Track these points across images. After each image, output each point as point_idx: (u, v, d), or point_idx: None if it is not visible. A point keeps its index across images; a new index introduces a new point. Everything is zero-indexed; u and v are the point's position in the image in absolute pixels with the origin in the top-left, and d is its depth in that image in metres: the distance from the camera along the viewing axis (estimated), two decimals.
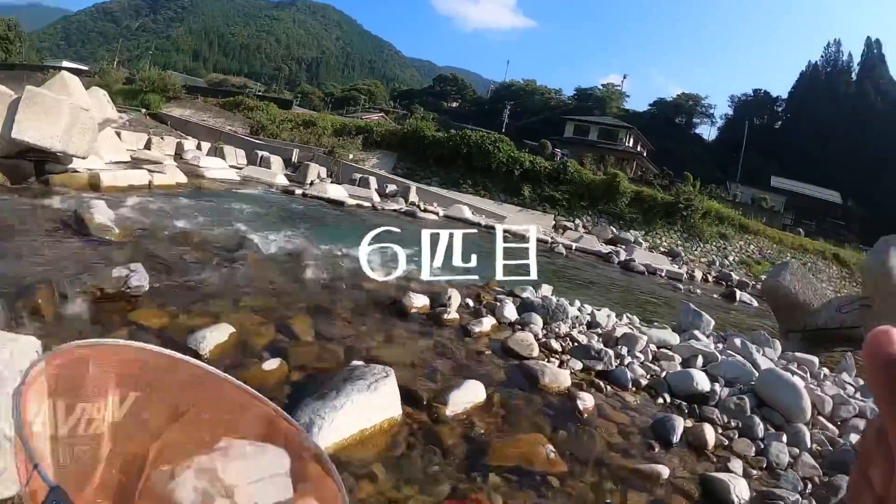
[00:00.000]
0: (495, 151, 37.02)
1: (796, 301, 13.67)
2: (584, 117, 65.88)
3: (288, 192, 20.49)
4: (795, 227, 48.43)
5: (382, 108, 68.17)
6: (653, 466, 4.90)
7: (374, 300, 7.95)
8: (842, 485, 5.16)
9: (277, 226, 12.61)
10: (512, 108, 72.11)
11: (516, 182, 37.06)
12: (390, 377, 4.94)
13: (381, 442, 4.47)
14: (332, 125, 39.36)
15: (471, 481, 4.21)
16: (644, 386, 6.86)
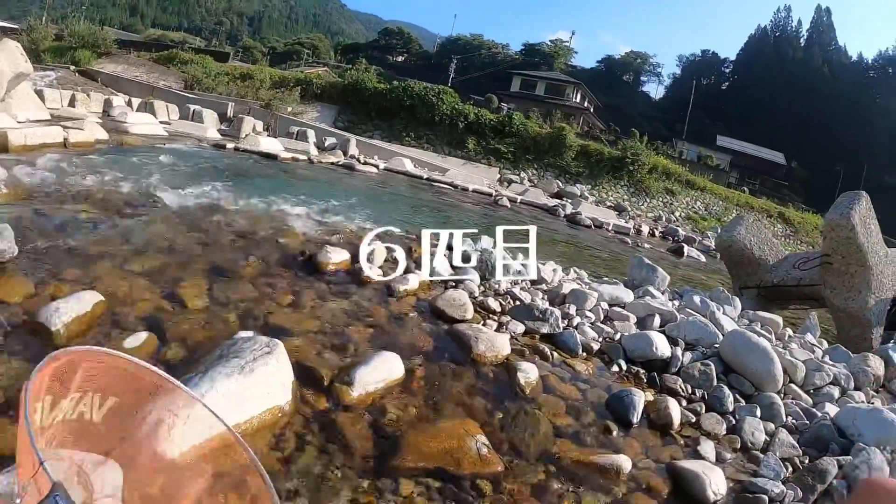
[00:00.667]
0: (439, 103, 35.93)
1: (751, 256, 13.02)
2: (532, 72, 65.06)
3: (219, 147, 19.19)
4: (740, 186, 48.82)
5: (326, 63, 66.55)
6: (612, 458, 3.95)
7: (289, 256, 6.82)
8: (828, 469, 4.33)
9: (196, 180, 11.27)
10: (458, 62, 70.78)
11: (461, 135, 36.10)
12: (275, 353, 3.83)
13: (260, 443, 3.35)
14: (270, 78, 37.55)
15: (376, 491, 3.20)
16: (596, 351, 5.90)
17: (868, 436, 4.90)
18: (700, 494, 3.80)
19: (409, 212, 15.18)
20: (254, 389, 3.54)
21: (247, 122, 24.61)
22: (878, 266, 10.62)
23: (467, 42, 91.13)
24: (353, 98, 37.32)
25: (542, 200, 26.77)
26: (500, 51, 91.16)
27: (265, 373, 3.66)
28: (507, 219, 18.42)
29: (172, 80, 35.44)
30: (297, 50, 79.50)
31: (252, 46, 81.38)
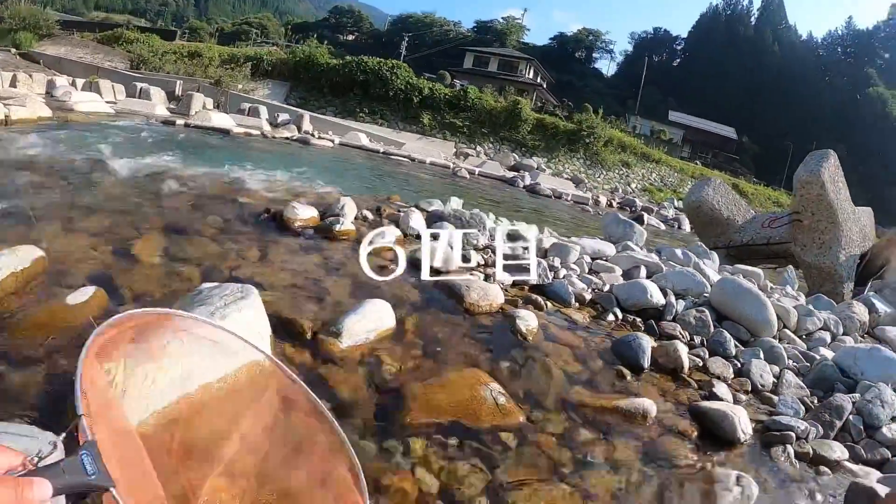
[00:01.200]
0: (393, 78, 35.33)
1: (720, 217, 13.03)
2: (484, 48, 64.54)
3: (168, 123, 18.36)
4: (692, 160, 49.26)
5: (275, 43, 64.98)
6: (636, 402, 3.71)
7: (251, 214, 6.39)
8: (843, 404, 4.23)
9: (147, 152, 10.60)
10: (410, 40, 69.79)
11: (415, 109, 35.58)
12: (249, 298, 3.37)
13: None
14: (219, 55, 36.43)
15: (383, 454, 2.81)
16: (588, 301, 5.64)
17: (871, 373, 4.88)
18: (730, 434, 3.64)
19: (371, 181, 14.81)
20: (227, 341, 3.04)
21: (196, 98, 23.77)
22: (846, 223, 10.67)
23: (419, 20, 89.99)
24: (306, 74, 36.43)
25: (499, 172, 26.53)
26: (453, 28, 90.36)
27: (239, 320, 3.15)
28: (469, 188, 18.14)
29: (118, 61, 33.98)
30: (245, 30, 77.40)
31: (199, 27, 78.84)
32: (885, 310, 7.73)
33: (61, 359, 2.88)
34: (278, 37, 75.53)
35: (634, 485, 3.00)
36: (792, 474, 3.52)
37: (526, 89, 52.22)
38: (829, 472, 3.60)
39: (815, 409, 4.33)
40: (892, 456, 3.94)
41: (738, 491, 2.91)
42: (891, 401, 4.41)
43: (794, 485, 3.41)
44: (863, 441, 4.06)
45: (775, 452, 3.62)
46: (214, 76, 31.87)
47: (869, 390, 4.50)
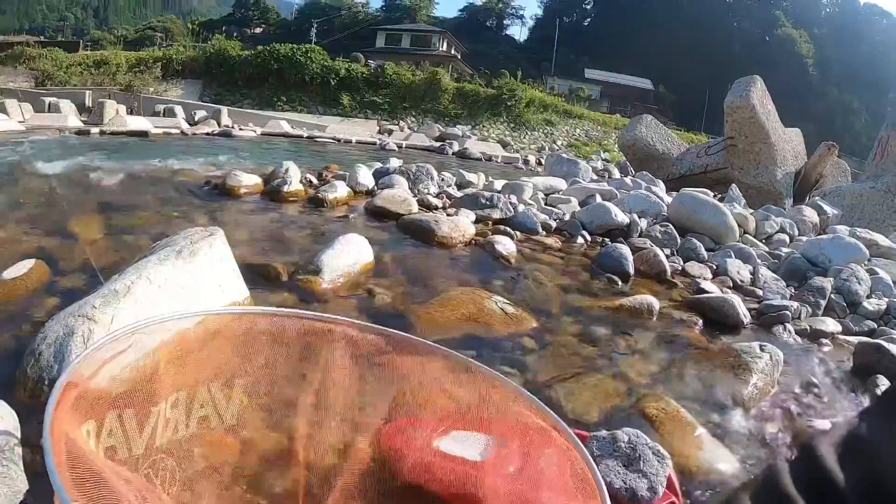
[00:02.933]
0: (308, 63, 34.51)
1: (656, 152, 13.20)
2: (395, 26, 63.90)
3: (83, 133, 17.46)
4: (613, 114, 49.88)
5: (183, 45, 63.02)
6: (640, 298, 3.69)
7: (192, 187, 6.10)
8: (823, 285, 4.37)
9: (67, 156, 10.13)
10: (319, 26, 68.52)
11: (334, 92, 34.80)
12: (218, 236, 3.00)
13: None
14: (126, 61, 34.98)
15: None
16: (555, 229, 5.59)
17: (838, 259, 5.08)
18: (733, 318, 3.66)
19: (303, 160, 14.44)
20: (200, 278, 2.72)
21: (109, 106, 22.75)
22: (779, 143, 10.93)
23: (326, 4, 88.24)
24: (218, 69, 35.01)
25: (426, 143, 26.40)
26: (361, 9, 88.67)
27: (210, 257, 2.84)
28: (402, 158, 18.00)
29: (22, 80, 32.25)
30: (149, 35, 74.24)
31: (101, 38, 75.35)
32: (833, 211, 7.98)
33: None
34: (184, 38, 73.27)
35: (668, 368, 2.95)
36: (798, 347, 3.57)
37: (441, 62, 51.87)
38: (830, 343, 3.67)
39: (798, 292, 4.43)
40: (878, 326, 4.06)
41: (767, 357, 2.89)
42: (865, 278, 4.61)
43: (805, 355, 3.46)
44: (848, 316, 4.19)
45: (777, 330, 3.66)
46: (124, 82, 30.60)
47: (843, 271, 4.64)
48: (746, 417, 2.54)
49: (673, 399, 2.52)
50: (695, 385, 2.77)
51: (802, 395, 2.89)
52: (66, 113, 21.43)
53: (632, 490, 1.56)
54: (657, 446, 1.66)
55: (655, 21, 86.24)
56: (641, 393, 2.59)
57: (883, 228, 8.14)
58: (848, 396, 3.02)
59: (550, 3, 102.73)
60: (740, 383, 2.74)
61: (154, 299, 2.44)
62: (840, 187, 10.58)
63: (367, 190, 6.43)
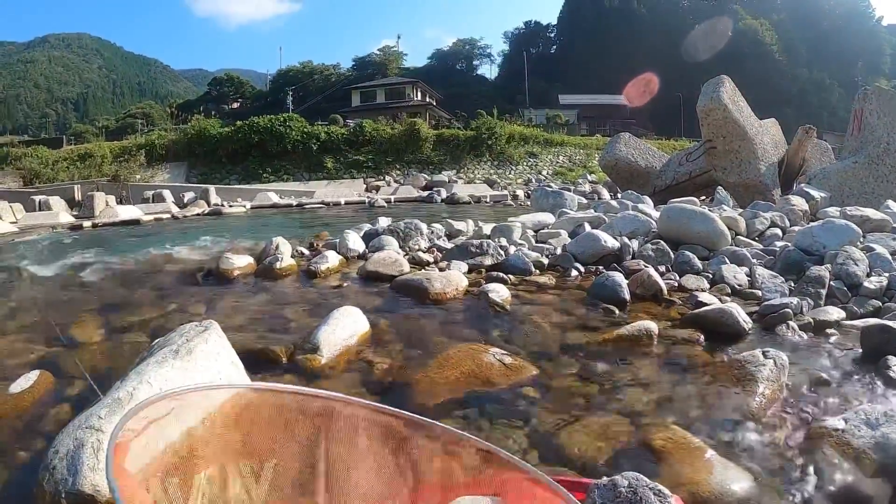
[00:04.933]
0: (288, 131, 34.94)
1: (639, 168, 13.31)
2: (368, 83, 64.83)
3: (76, 228, 17.66)
4: (592, 135, 50.21)
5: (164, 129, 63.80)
6: (637, 325, 3.66)
7: (186, 276, 6.14)
8: (821, 274, 4.37)
9: (62, 256, 10.23)
10: (294, 93, 69.53)
11: (317, 156, 35.19)
12: (212, 330, 3.03)
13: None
14: (110, 151, 35.41)
15: None
16: (548, 266, 5.61)
17: (832, 244, 5.11)
18: (733, 327, 3.64)
19: (294, 230, 14.51)
20: (199, 373, 2.73)
21: (98, 198, 22.91)
22: (757, 136, 11.01)
23: (298, 71, 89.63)
24: (200, 149, 35.42)
25: (414, 194, 26.62)
26: (333, 71, 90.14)
27: (207, 351, 2.86)
28: (391, 213, 18.08)
29: (11, 181, 32.64)
30: (130, 123, 75.00)
31: (84, 131, 76.16)
32: (820, 195, 8.01)
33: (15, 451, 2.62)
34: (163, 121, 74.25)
35: (671, 393, 2.93)
36: (804, 343, 3.54)
37: (418, 111, 52.53)
38: (836, 332, 3.65)
39: (797, 286, 4.40)
40: (883, 303, 4.04)
41: (771, 363, 2.86)
42: (861, 257, 4.62)
43: (811, 350, 3.43)
44: (851, 300, 4.18)
45: (780, 330, 3.64)
46: (111, 172, 30.85)
47: (838, 255, 4.65)
48: (756, 430, 2.51)
49: (679, 425, 2.49)
50: (701, 406, 2.74)
51: (812, 394, 2.86)
52: (57, 210, 21.61)
53: None
54: (657, 486, 1.63)
55: (619, 37, 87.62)
56: (647, 424, 2.55)
57: (873, 200, 8.17)
58: (860, 385, 2.98)
59: (515, 37, 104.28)
60: (747, 395, 2.71)
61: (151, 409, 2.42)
62: (825, 169, 10.62)
63: (359, 254, 6.47)
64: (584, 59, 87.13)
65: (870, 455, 2.19)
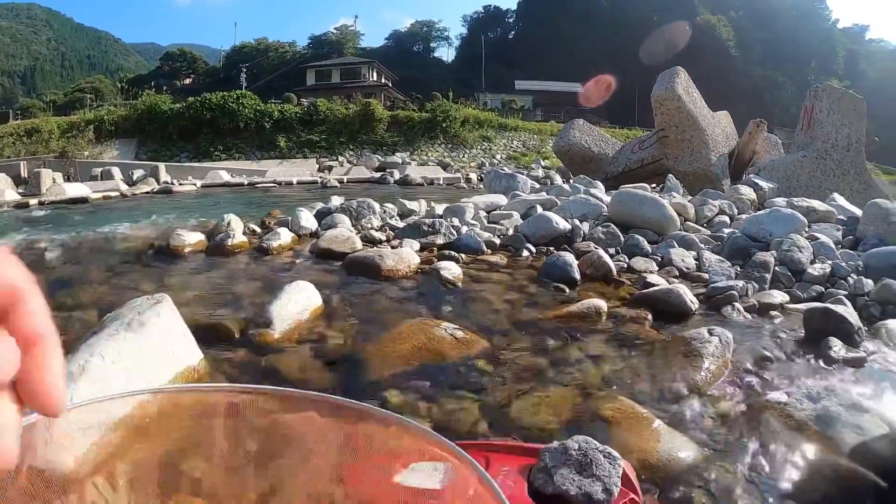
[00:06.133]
0: (241, 109, 34.18)
1: (591, 154, 13.42)
2: (324, 62, 63.98)
3: (22, 206, 17.12)
4: (547, 121, 50.44)
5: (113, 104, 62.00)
6: (587, 303, 3.71)
7: (136, 253, 6.01)
8: (766, 259, 4.48)
9: (8, 234, 9.87)
10: (248, 70, 68.15)
11: (270, 135, 34.56)
12: (165, 304, 2.97)
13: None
14: (58, 127, 34.25)
15: None
16: (499, 246, 5.62)
17: (778, 232, 5.25)
18: (680, 307, 3.71)
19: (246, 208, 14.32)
20: (152, 348, 2.70)
21: (45, 175, 22.16)
22: (709, 127, 11.20)
23: (253, 48, 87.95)
24: (151, 126, 34.31)
25: (367, 175, 26.40)
26: (289, 49, 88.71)
27: (160, 325, 2.81)
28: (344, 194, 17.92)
29: None
30: (79, 98, 72.32)
31: (31, 105, 73.60)
32: (768, 185, 8.20)
33: None
34: (113, 97, 72.17)
35: (620, 367, 2.96)
36: (749, 323, 3.63)
37: (373, 92, 52.07)
38: (780, 314, 3.75)
39: (743, 270, 4.52)
40: (826, 289, 4.15)
41: (717, 340, 2.93)
42: (806, 245, 4.76)
43: (756, 330, 3.52)
44: (795, 285, 4.29)
45: (726, 311, 3.72)
46: (58, 148, 29.87)
47: (783, 242, 4.78)
48: (702, 402, 2.57)
49: (628, 397, 2.53)
50: (649, 379, 2.79)
51: (756, 370, 2.93)
52: (2, 187, 20.87)
53: (587, 495, 1.55)
54: (607, 448, 1.66)
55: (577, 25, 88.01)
56: (596, 396, 2.59)
57: (819, 193, 8.39)
58: (802, 364, 3.07)
59: (474, 21, 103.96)
60: (693, 370, 2.76)
61: (109, 375, 2.41)
62: (774, 161, 10.88)
63: (311, 232, 6.39)
64: (542, 46, 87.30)
65: (811, 427, 2.29)
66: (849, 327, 3.25)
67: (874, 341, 3.32)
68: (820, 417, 2.31)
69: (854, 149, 10.34)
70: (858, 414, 2.33)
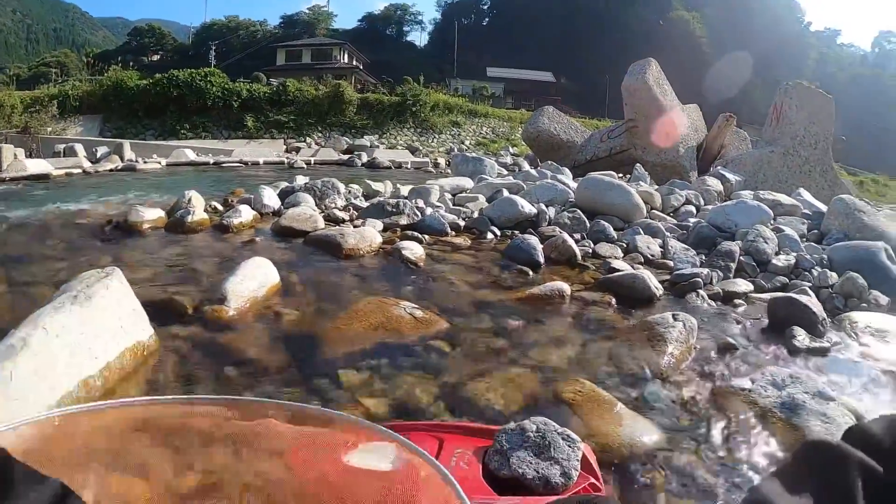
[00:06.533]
0: (208, 87, 33.43)
1: (560, 141, 13.38)
2: (295, 42, 63.13)
3: None
4: (518, 109, 50.47)
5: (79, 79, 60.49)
6: (551, 286, 3.66)
7: (94, 229, 5.82)
8: (731, 248, 4.52)
9: None
10: (218, 47, 66.89)
11: (237, 114, 33.82)
12: (115, 276, 2.82)
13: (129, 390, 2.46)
14: (21, 101, 33.22)
15: (314, 395, 2.44)
16: (464, 228, 5.54)
17: (744, 223, 5.26)
18: (644, 292, 3.69)
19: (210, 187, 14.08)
20: (99, 322, 2.56)
21: (6, 150, 21.55)
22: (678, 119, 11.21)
23: (223, 25, 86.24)
24: (116, 102, 33.38)
25: (335, 157, 26.10)
26: (259, 28, 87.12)
27: (109, 298, 2.68)
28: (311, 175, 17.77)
29: None
30: (44, 72, 70.22)
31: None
32: (735, 178, 8.23)
33: None
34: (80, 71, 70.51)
35: (582, 350, 2.92)
36: (713, 311, 3.63)
37: (343, 74, 51.53)
38: (744, 303, 3.75)
39: (708, 259, 4.53)
40: (790, 280, 4.16)
41: (681, 325, 2.90)
42: (771, 236, 4.78)
43: (720, 317, 3.52)
44: (760, 275, 4.31)
45: (690, 298, 3.73)
46: (20, 124, 29.13)
47: (749, 233, 4.79)
48: (665, 387, 2.54)
49: (589, 380, 2.48)
50: (611, 363, 2.74)
51: (720, 356, 2.92)
52: None
53: (545, 478, 1.48)
54: (567, 431, 1.59)
55: (552, 15, 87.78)
56: (557, 378, 2.53)
57: (786, 188, 8.43)
58: (766, 352, 3.07)
59: (448, 6, 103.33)
60: (657, 355, 2.73)
61: (52, 349, 2.30)
62: (742, 155, 10.97)
63: (274, 210, 6.25)
64: (515, 34, 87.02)
65: (776, 413, 2.25)
66: (813, 317, 3.26)
67: (838, 332, 3.34)
68: (785, 404, 2.28)
69: (821, 147, 10.47)
70: (824, 402, 2.30)
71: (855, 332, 3.31)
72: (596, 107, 58.41)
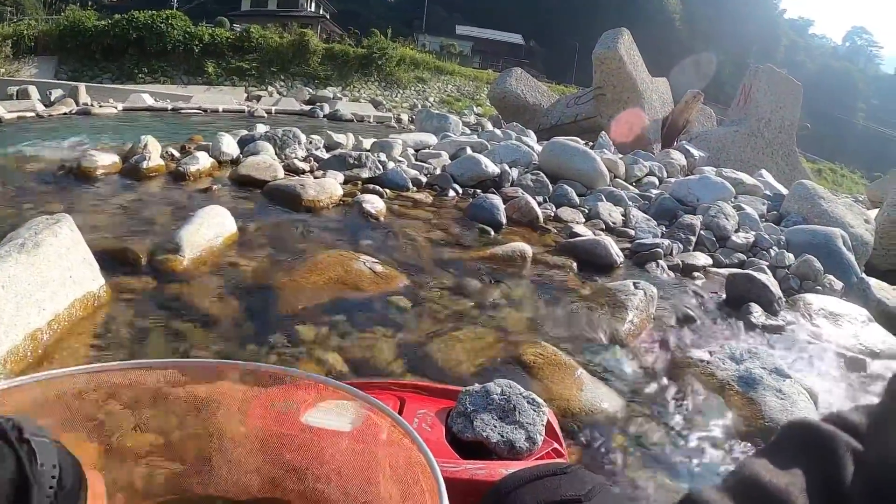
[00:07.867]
0: (169, 30, 32.19)
1: (526, 104, 13.34)
2: None
3: None
4: (485, 69, 50.15)
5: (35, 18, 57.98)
6: (512, 246, 3.62)
7: (44, 175, 5.60)
8: (693, 222, 4.56)
9: None
10: None
11: (198, 60, 32.70)
12: (65, 223, 2.68)
13: (80, 348, 2.32)
14: None
15: (274, 352, 2.35)
16: (426, 185, 5.45)
17: (706, 198, 5.31)
18: (606, 258, 3.70)
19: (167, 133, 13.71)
20: (47, 271, 2.44)
21: None
22: (647, 91, 11.27)
23: None
24: (73, 43, 31.81)
25: (297, 107, 25.65)
26: None
27: (58, 246, 2.55)
28: (271, 124, 17.50)
29: None
30: None
31: None
32: (699, 154, 8.31)
33: None
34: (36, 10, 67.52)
35: (543, 313, 2.91)
36: (672, 281, 3.67)
37: (310, 23, 50.43)
38: (703, 276, 3.80)
39: (669, 230, 4.57)
40: (748, 258, 4.21)
41: (642, 293, 2.92)
42: (732, 213, 4.87)
43: (679, 289, 3.56)
44: (719, 251, 4.36)
45: (650, 268, 3.76)
46: None
47: (711, 208, 4.85)
48: (625, 353, 2.55)
49: (551, 343, 2.46)
50: (572, 327, 2.73)
51: (679, 327, 2.96)
52: None
53: (510, 442, 1.45)
54: (532, 395, 1.56)
55: None
56: (518, 341, 2.51)
57: (748, 168, 8.54)
58: (724, 325, 3.11)
59: None
60: (617, 321, 2.73)
61: None
62: (707, 131, 11.08)
63: (233, 159, 6.06)
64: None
65: (734, 387, 2.28)
66: (770, 295, 3.33)
67: (792, 312, 3.42)
68: (742, 378, 2.31)
69: (786, 131, 10.67)
70: (780, 379, 2.33)
71: (809, 314, 3.38)
72: (564, 72, 58.25)
